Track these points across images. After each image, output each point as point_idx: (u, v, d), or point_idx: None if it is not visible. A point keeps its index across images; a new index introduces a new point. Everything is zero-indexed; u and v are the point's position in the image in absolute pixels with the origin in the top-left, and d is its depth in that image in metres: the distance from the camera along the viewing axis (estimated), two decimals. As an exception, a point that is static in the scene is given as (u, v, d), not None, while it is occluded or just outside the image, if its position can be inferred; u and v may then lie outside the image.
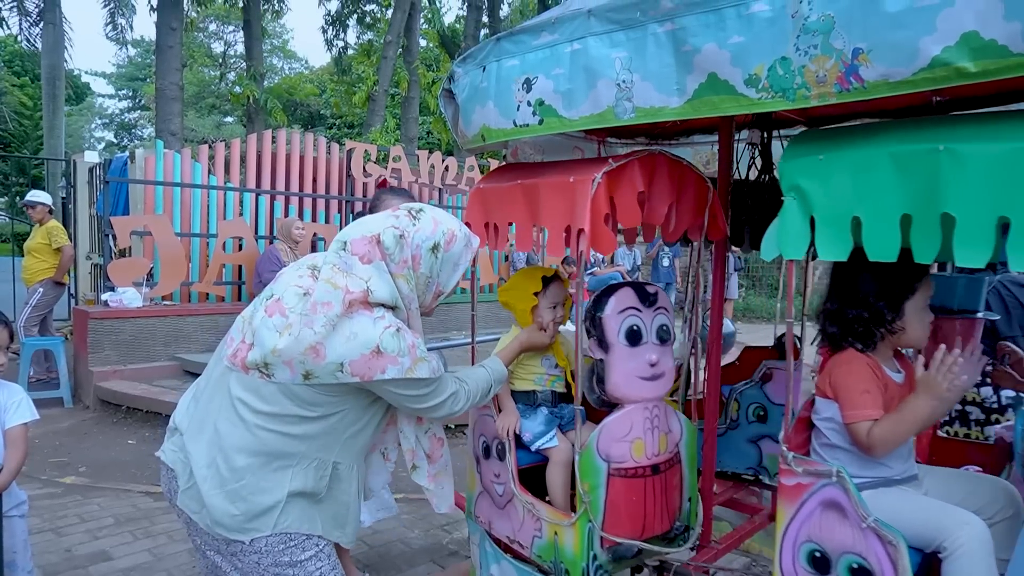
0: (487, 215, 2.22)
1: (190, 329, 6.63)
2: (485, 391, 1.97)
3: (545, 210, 1.94)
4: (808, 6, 1.40)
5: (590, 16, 1.76)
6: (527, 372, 2.36)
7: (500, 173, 2.29)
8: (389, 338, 1.57)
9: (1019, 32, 1.18)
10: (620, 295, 2.07)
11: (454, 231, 1.75)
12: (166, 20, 9.73)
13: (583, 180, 1.82)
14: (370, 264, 1.63)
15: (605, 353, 2.04)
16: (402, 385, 1.63)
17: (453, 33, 17.47)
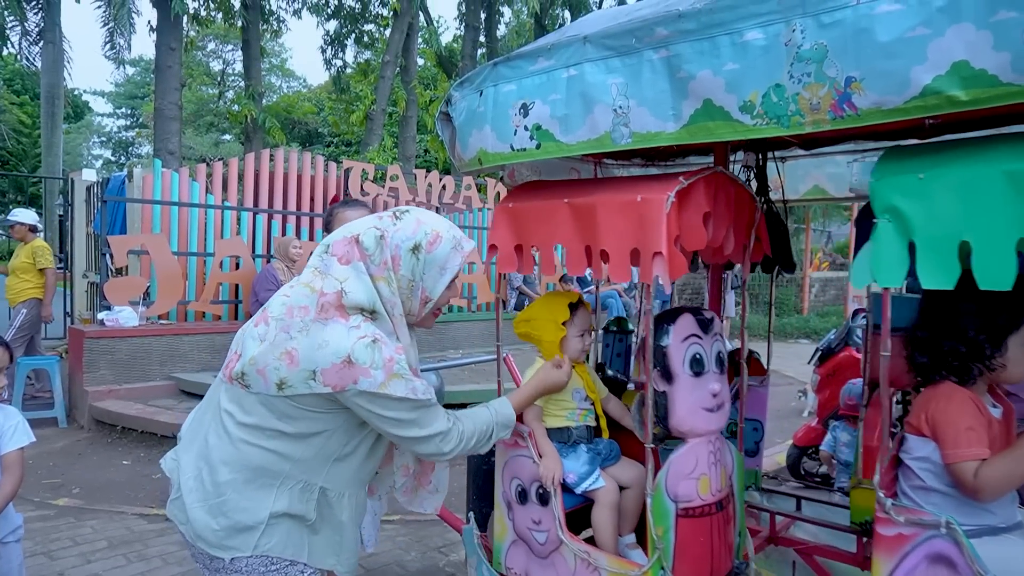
0: (519, 236, 2.06)
1: (186, 348, 6.61)
2: (485, 435, 1.74)
3: (605, 231, 1.80)
4: (801, 35, 1.42)
5: (586, 43, 1.78)
6: (558, 408, 2.21)
7: (533, 191, 2.14)
8: (362, 348, 1.47)
9: (1008, 62, 1.20)
10: (681, 322, 1.94)
11: (439, 232, 1.63)
12: (165, 40, 9.80)
13: (654, 200, 1.71)
14: (348, 265, 1.56)
15: (669, 385, 1.90)
16: (377, 403, 1.51)
17: (450, 53, 17.63)
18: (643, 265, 1.71)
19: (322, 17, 15.67)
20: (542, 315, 2.21)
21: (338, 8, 15.83)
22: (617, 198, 1.80)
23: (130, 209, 7.56)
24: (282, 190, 7.94)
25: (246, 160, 7.87)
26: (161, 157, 9.45)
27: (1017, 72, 1.20)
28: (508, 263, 2.10)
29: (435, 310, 1.71)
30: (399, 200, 8.91)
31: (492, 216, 2.17)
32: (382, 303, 1.57)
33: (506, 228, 2.09)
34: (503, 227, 2.09)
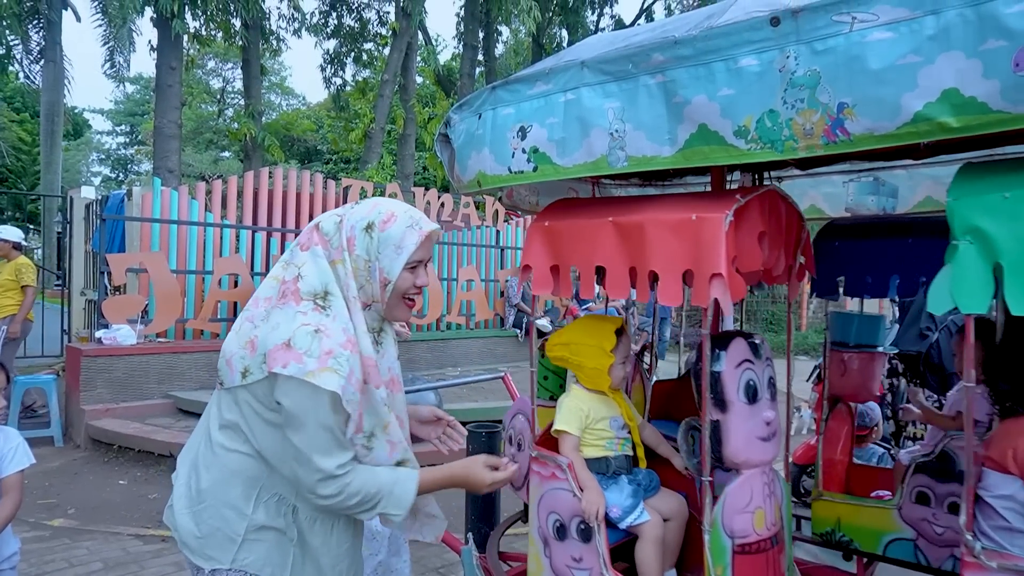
0: (555, 256, 1.97)
1: (184, 366, 6.60)
2: (368, 502, 1.51)
3: (655, 251, 1.71)
4: (795, 61, 1.45)
5: (583, 67, 1.80)
6: (596, 437, 2.13)
7: (570, 208, 2.06)
8: (303, 335, 1.42)
9: (998, 90, 1.22)
10: (735, 347, 1.86)
11: (393, 212, 1.57)
12: (166, 60, 9.88)
13: (712, 219, 1.63)
14: (307, 251, 1.55)
15: (722, 413, 1.81)
16: (292, 392, 1.40)
17: (449, 72, 17.78)
18: (697, 287, 1.62)
19: (321, 37, 15.81)
20: (585, 340, 2.12)
21: (337, 28, 15.97)
22: (669, 217, 1.71)
23: (129, 227, 7.57)
24: (281, 208, 7.96)
25: (245, 178, 7.91)
26: (160, 175, 9.49)
27: (1007, 100, 1.22)
28: (544, 284, 2.00)
29: (406, 300, 1.63)
30: (397, 218, 8.94)
31: (526, 235, 2.04)
32: (337, 284, 1.52)
33: (541, 248, 1.98)
34: (538, 247, 1.99)
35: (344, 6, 16.11)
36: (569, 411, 2.12)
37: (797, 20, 1.44)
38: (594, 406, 2.15)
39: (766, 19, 1.49)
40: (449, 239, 9.46)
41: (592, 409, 2.14)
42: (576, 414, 2.12)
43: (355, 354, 1.46)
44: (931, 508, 2.48)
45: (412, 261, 1.58)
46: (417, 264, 1.60)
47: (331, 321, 1.47)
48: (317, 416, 1.41)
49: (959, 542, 1.65)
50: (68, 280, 9.12)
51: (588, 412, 2.13)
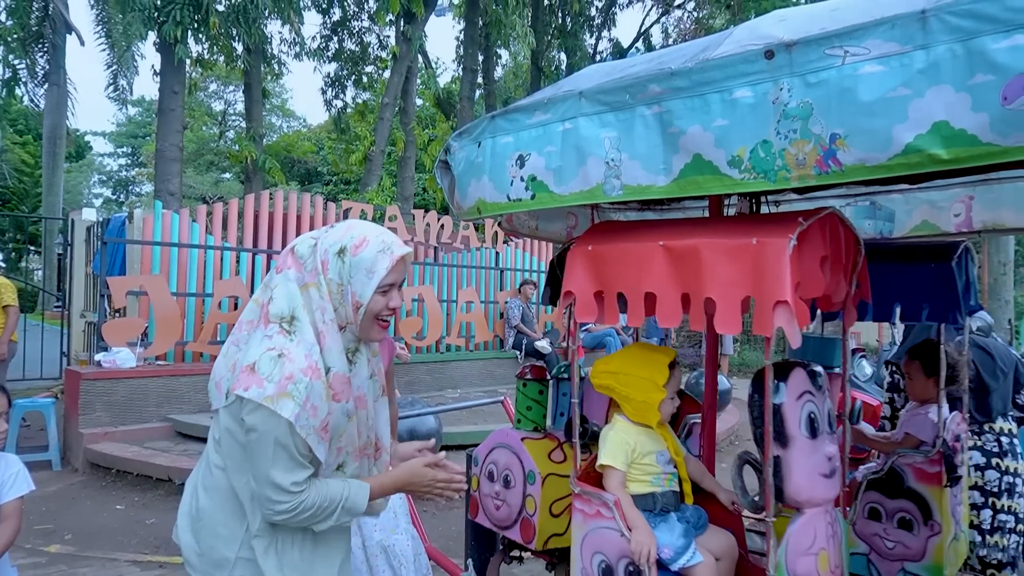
0: (600, 281, 1.89)
1: (184, 389, 6.58)
2: (325, 513, 1.55)
3: (711, 278, 1.64)
4: (788, 93, 1.47)
5: (581, 98, 1.83)
6: (642, 472, 2.04)
7: (616, 232, 1.98)
8: (267, 360, 1.46)
9: (987, 123, 1.25)
10: (795, 378, 1.77)
11: (365, 236, 1.58)
12: (168, 84, 9.98)
13: (774, 243, 1.56)
14: (280, 274, 1.58)
15: (783, 448, 1.71)
16: (258, 415, 1.43)
17: (448, 94, 17.94)
18: (760, 315, 1.55)
19: (322, 60, 15.98)
20: (635, 371, 2.03)
21: (339, 51, 16.15)
22: (726, 241, 1.63)
23: (130, 250, 7.60)
24: (281, 230, 8.00)
25: (246, 201, 7.95)
26: (162, 198, 9.54)
27: (996, 132, 1.24)
28: (587, 311, 1.92)
29: (379, 321, 1.63)
30: (397, 240, 8.97)
31: (568, 259, 1.96)
32: (309, 309, 1.54)
33: (585, 273, 1.91)
34: (581, 272, 1.91)
35: (345, 30, 16.31)
36: (615, 445, 2.03)
37: (791, 53, 1.47)
38: (640, 439, 2.06)
39: (760, 52, 1.52)
40: (449, 261, 9.49)
41: (638, 443, 2.05)
42: (622, 448, 2.03)
43: (316, 380, 1.48)
44: (882, 523, 2.57)
45: (384, 285, 1.58)
46: (389, 287, 1.61)
47: (295, 346, 1.49)
48: (276, 436, 1.45)
49: (908, 556, 1.67)
50: (68, 302, 9.14)
51: (634, 446, 2.04)
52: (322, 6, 16.17)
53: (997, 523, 3.17)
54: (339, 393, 1.54)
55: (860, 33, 1.38)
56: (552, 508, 2.48)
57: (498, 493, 2.61)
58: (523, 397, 2.75)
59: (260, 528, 1.55)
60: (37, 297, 19.17)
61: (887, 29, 1.34)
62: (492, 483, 2.65)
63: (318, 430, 1.48)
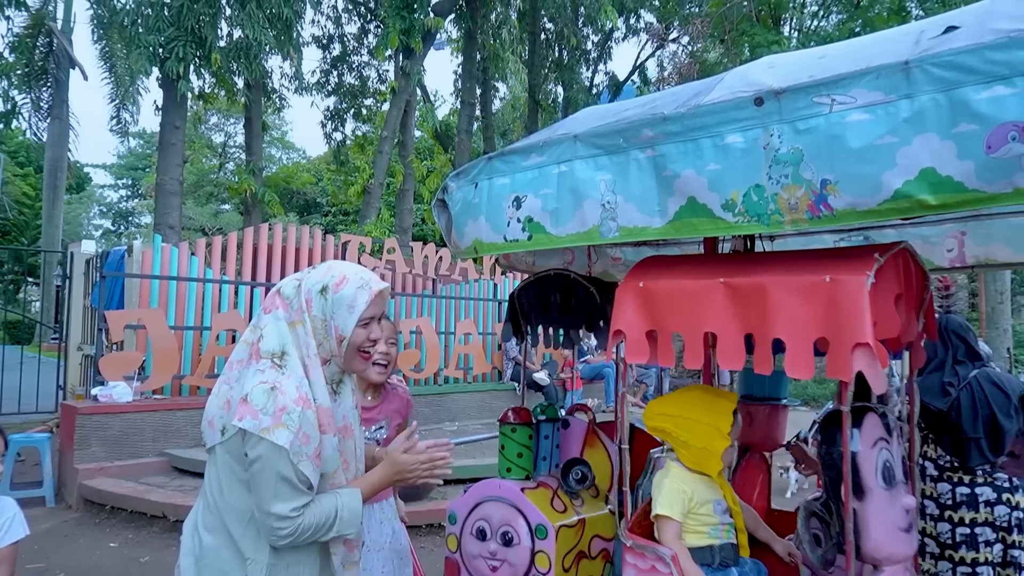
0: (653, 320, 1.80)
1: (180, 424, 6.54)
2: (323, 527, 1.63)
3: (779, 317, 1.56)
4: (778, 139, 1.51)
5: (576, 141, 1.87)
6: (699, 523, 1.94)
7: (669, 267, 1.88)
8: (260, 392, 1.55)
9: (972, 170, 1.28)
10: (869, 424, 1.68)
11: (346, 275, 1.70)
12: (170, 119, 10.09)
13: (850, 281, 1.48)
14: (269, 314, 1.68)
15: (859, 500, 1.63)
16: (261, 447, 1.52)
17: (447, 127, 18.14)
18: (835, 358, 1.46)
19: (322, 94, 16.20)
20: (696, 416, 1.91)
21: (338, 85, 16.37)
22: (796, 279, 1.56)
23: (128, 283, 7.61)
24: (280, 263, 8.02)
25: (245, 234, 7.99)
26: (161, 231, 9.58)
27: (981, 180, 1.27)
28: (638, 352, 1.83)
29: (361, 353, 1.73)
30: (396, 272, 9.00)
31: (617, 296, 1.86)
32: (296, 345, 1.64)
33: (636, 311, 1.81)
34: (632, 310, 1.82)
35: (345, 65, 16.56)
36: (671, 493, 1.92)
37: (780, 101, 1.51)
38: (697, 488, 1.94)
39: (750, 99, 1.56)
40: (447, 293, 9.51)
41: (695, 491, 1.94)
42: (679, 497, 1.92)
43: (308, 409, 1.58)
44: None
45: (364, 318, 1.69)
46: (370, 320, 1.71)
47: (286, 379, 1.59)
48: (277, 468, 1.53)
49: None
50: (65, 334, 9.11)
51: (691, 495, 1.93)
52: (322, 42, 16.44)
53: (1010, 558, 3.14)
54: (325, 425, 1.64)
55: (846, 82, 1.42)
56: (564, 562, 2.34)
57: (494, 553, 2.41)
58: (512, 443, 2.60)
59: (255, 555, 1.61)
60: (34, 329, 19.12)
61: (872, 79, 1.38)
62: (483, 542, 2.44)
63: (311, 457, 1.57)
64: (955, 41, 1.31)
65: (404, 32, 12.33)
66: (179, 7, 9.47)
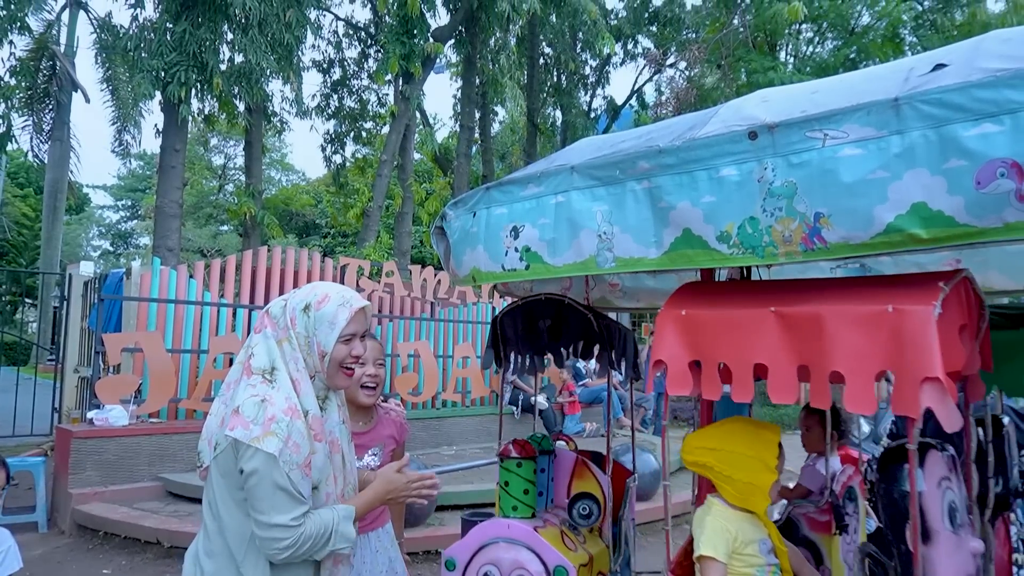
0: (697, 350, 1.70)
1: (176, 448, 6.50)
2: (321, 540, 1.66)
3: (837, 349, 1.47)
4: (772, 172, 1.53)
5: (573, 172, 1.89)
6: (744, 564, 1.84)
7: (715, 294, 1.80)
8: (251, 404, 1.63)
9: (962, 205, 1.29)
10: (932, 461, 1.60)
11: (328, 293, 1.79)
12: (171, 143, 10.16)
13: (916, 312, 1.40)
14: (259, 334, 1.77)
15: (924, 545, 1.53)
16: (255, 460, 1.57)
17: (446, 150, 18.27)
18: (901, 393, 1.39)
19: (322, 118, 16.33)
20: (740, 449, 1.81)
21: (338, 109, 16.52)
22: (855, 308, 1.47)
23: (126, 306, 7.60)
24: (279, 286, 8.03)
25: (243, 256, 8.00)
26: (160, 254, 9.60)
27: (971, 215, 1.29)
28: (681, 383, 1.71)
29: (344, 369, 1.79)
30: (394, 296, 9.01)
31: (658, 325, 1.77)
32: (284, 361, 1.72)
33: (678, 340, 1.71)
34: (673, 339, 1.72)
35: (345, 88, 16.72)
36: (714, 533, 1.81)
37: (773, 135, 1.53)
38: (742, 526, 1.84)
39: (744, 132, 1.58)
40: (445, 316, 9.51)
41: (740, 530, 1.83)
42: (723, 536, 1.82)
43: (296, 420, 1.64)
44: None
45: (346, 334, 1.77)
46: (351, 336, 1.79)
47: (275, 392, 1.67)
48: (273, 477, 1.58)
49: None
50: (62, 357, 9.08)
51: (736, 534, 1.83)
52: (323, 66, 16.61)
53: None
54: (318, 433, 1.71)
55: (838, 117, 1.44)
56: None
57: None
58: (517, 479, 2.48)
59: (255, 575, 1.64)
60: (31, 350, 19.05)
61: (863, 115, 1.40)
62: None
63: (301, 466, 1.62)
64: (944, 79, 1.33)
65: (404, 57, 12.47)
66: (182, 32, 9.59)
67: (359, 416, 2.44)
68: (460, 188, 14.83)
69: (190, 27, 9.60)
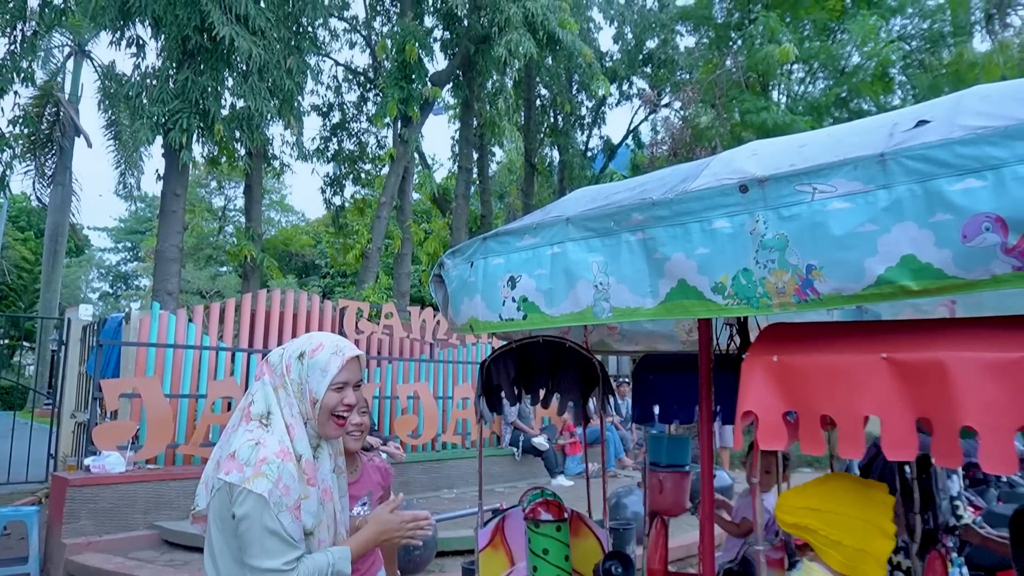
0: (793, 400, 1.55)
1: (173, 495, 6.42)
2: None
3: (970, 402, 1.33)
4: (764, 225, 1.56)
5: (568, 223, 1.92)
6: None
7: (809, 338, 1.65)
8: (246, 448, 1.68)
9: (951, 258, 1.32)
10: None
11: (322, 342, 1.85)
12: (172, 187, 10.26)
13: None
14: (259, 381, 1.83)
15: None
16: (247, 503, 1.60)
17: (444, 191, 18.44)
18: None
19: (322, 160, 16.52)
20: (849, 511, 1.64)
21: (338, 152, 16.72)
22: (985, 355, 1.34)
23: (125, 350, 7.60)
24: (277, 329, 8.03)
25: (243, 300, 8.02)
26: (159, 298, 9.62)
27: (960, 267, 1.31)
28: (774, 437, 1.55)
29: (335, 417, 1.82)
30: (393, 337, 9.00)
31: (745, 372, 1.62)
32: (279, 407, 1.77)
33: (771, 389, 1.57)
34: (765, 388, 1.58)
35: (344, 132, 16.95)
36: None
37: (763, 188, 1.56)
38: None
39: (735, 186, 1.61)
40: (445, 357, 9.49)
41: None
42: None
43: (288, 462, 1.68)
44: None
45: (337, 382, 1.81)
46: (343, 385, 1.83)
47: (269, 435, 1.72)
48: (264, 522, 1.61)
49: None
50: (59, 401, 9.04)
51: None
52: (322, 110, 16.87)
53: None
54: (311, 477, 1.75)
55: (826, 172, 1.47)
56: None
57: None
58: (558, 545, 2.34)
59: None
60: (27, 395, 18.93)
61: (850, 169, 1.44)
62: None
63: (291, 508, 1.65)
64: (927, 135, 1.37)
65: (402, 101, 12.68)
66: (184, 80, 9.76)
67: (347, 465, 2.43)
68: (459, 229, 14.93)
69: (192, 75, 9.78)
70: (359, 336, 8.61)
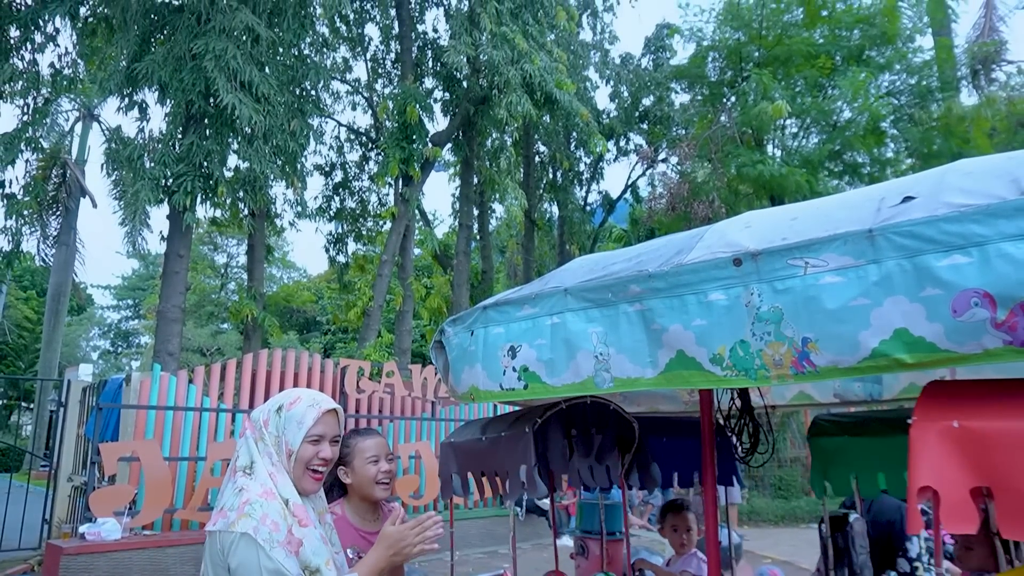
0: (983, 475, 1.27)
1: (170, 561, 6.30)
2: None
3: None
4: (759, 298, 1.58)
5: (567, 294, 1.95)
6: None
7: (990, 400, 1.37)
8: (230, 495, 1.75)
9: (942, 331, 1.34)
10: None
11: (299, 396, 1.89)
12: (175, 248, 10.37)
13: None
14: (243, 438, 1.88)
15: None
16: (240, 550, 1.63)
17: (445, 247, 18.63)
18: None
19: (324, 219, 16.74)
20: None
21: (340, 210, 16.96)
22: None
23: (125, 412, 7.56)
24: (279, 388, 8.00)
25: (244, 359, 8.01)
26: (161, 359, 9.61)
27: (952, 341, 1.33)
28: (962, 517, 1.28)
29: (310, 471, 1.84)
30: (395, 396, 8.95)
31: (915, 440, 1.36)
32: (260, 456, 1.82)
33: (952, 461, 1.31)
34: (944, 459, 1.32)
35: (346, 190, 17.22)
36: None
37: (757, 262, 1.60)
38: None
39: (729, 259, 1.64)
40: (446, 415, 9.42)
41: None
42: None
43: (271, 501, 1.72)
44: None
45: (313, 435, 1.84)
46: (319, 438, 1.86)
47: (252, 481, 1.77)
48: (257, 563, 1.62)
49: None
50: (56, 464, 8.92)
51: None
52: (325, 169, 17.17)
53: None
54: (303, 519, 1.76)
55: (817, 247, 1.51)
56: None
57: None
58: None
59: None
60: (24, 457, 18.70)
61: (840, 244, 1.47)
62: None
63: (283, 543, 1.66)
64: (913, 212, 1.41)
65: (403, 161, 12.92)
66: (189, 144, 9.97)
67: (371, 515, 2.41)
68: (460, 285, 15.01)
69: (197, 139, 10.00)
70: (360, 395, 8.57)
